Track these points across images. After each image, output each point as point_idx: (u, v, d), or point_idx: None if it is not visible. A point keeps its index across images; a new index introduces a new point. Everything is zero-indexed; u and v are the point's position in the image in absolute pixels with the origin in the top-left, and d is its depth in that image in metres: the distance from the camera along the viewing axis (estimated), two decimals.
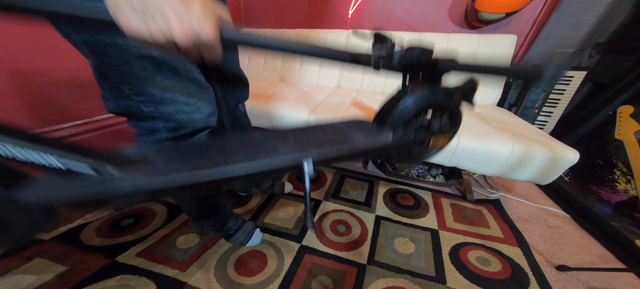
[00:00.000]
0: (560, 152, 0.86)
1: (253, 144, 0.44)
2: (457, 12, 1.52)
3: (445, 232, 0.99)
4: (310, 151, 0.42)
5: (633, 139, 1.00)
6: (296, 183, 1.24)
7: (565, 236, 1.02)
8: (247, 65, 1.88)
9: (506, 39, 1.32)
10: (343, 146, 0.45)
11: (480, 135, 0.95)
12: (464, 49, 1.40)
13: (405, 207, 1.12)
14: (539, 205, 1.21)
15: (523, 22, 1.44)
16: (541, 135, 0.97)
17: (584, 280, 0.83)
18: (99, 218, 0.94)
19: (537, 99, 1.44)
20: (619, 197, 1.03)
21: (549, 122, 1.45)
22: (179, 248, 0.85)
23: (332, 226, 0.98)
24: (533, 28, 1.43)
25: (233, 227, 0.86)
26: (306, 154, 0.41)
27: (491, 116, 1.17)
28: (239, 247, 0.86)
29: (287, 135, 0.47)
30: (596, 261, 0.92)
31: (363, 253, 0.87)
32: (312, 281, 0.76)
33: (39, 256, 0.78)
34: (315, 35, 1.64)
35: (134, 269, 0.76)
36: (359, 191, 1.21)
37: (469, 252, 0.90)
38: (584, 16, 1.30)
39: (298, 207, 1.07)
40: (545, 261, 0.89)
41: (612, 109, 1.13)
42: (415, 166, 0.77)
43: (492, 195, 1.27)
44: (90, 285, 0.71)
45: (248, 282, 0.75)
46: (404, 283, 0.77)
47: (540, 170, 0.90)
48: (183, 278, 0.75)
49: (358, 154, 0.48)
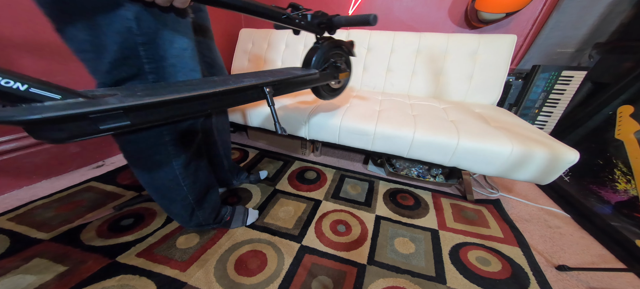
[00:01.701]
0: (560, 152, 0.86)
1: (224, 79, 0.58)
2: (457, 12, 1.52)
3: (445, 232, 0.99)
4: (267, 79, 0.60)
5: (633, 139, 1.00)
6: (296, 183, 1.24)
7: (565, 236, 1.02)
8: (247, 66, 1.88)
9: (506, 39, 1.32)
10: (288, 76, 0.66)
11: (480, 135, 0.95)
12: (464, 49, 1.40)
13: (405, 207, 1.12)
14: (539, 205, 1.21)
15: (523, 22, 1.44)
16: (541, 135, 0.97)
17: (584, 280, 0.83)
18: (99, 218, 0.94)
19: (537, 99, 1.44)
20: (619, 197, 1.03)
21: (549, 122, 1.45)
22: (179, 248, 0.85)
23: (332, 226, 0.98)
24: (533, 28, 1.43)
25: (227, 213, 0.93)
26: (264, 81, 0.59)
27: (491, 116, 1.17)
28: (240, 246, 0.86)
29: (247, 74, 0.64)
30: (596, 261, 0.92)
31: (363, 253, 0.87)
32: (312, 281, 0.76)
33: (39, 256, 0.78)
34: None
35: (134, 269, 0.76)
36: (359, 191, 1.21)
37: (469, 252, 0.90)
38: (584, 16, 1.30)
39: (298, 207, 1.07)
40: (545, 261, 0.89)
41: (612, 109, 1.13)
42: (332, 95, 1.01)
43: (492, 195, 1.27)
44: (90, 285, 0.71)
45: (248, 282, 0.75)
46: (404, 283, 0.77)
47: (540, 170, 0.90)
48: (183, 278, 0.75)
49: (299, 82, 0.71)
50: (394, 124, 1.04)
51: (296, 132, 1.21)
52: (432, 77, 1.48)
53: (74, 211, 0.96)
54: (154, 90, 0.46)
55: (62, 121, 0.35)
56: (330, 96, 0.98)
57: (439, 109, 1.25)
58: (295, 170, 1.36)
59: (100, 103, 0.37)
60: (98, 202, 1.02)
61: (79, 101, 0.37)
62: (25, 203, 0.98)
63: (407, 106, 1.27)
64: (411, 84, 1.54)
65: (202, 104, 0.49)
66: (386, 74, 1.58)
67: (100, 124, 0.39)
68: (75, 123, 0.37)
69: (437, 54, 1.45)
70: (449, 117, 1.13)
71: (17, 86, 0.32)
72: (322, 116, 1.13)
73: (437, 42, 1.44)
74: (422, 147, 1.00)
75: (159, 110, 0.44)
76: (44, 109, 0.34)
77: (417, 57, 1.50)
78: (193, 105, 0.48)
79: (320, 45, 0.81)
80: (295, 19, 0.71)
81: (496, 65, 1.34)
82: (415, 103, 1.33)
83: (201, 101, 0.49)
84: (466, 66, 1.40)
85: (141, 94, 0.43)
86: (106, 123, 0.39)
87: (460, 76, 1.42)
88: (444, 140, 0.96)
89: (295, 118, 1.17)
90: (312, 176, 1.31)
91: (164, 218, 0.96)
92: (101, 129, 0.39)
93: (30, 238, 0.84)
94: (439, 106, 1.31)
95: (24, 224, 0.89)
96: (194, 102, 0.48)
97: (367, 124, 1.06)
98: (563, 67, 1.34)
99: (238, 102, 0.56)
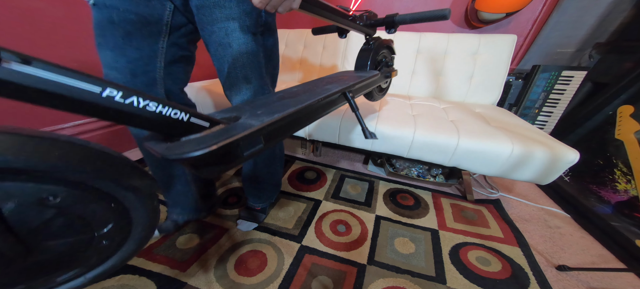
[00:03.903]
0: (560, 152, 0.86)
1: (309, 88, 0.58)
2: (457, 12, 1.52)
3: (445, 232, 0.99)
4: (346, 85, 0.59)
5: (633, 139, 1.00)
6: (296, 183, 1.24)
7: (565, 236, 1.02)
8: None
9: (506, 39, 1.32)
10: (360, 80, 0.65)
11: (480, 135, 0.95)
12: (464, 49, 1.40)
13: (405, 207, 1.12)
14: (539, 205, 1.21)
15: (523, 22, 1.44)
16: (541, 135, 0.97)
17: (584, 280, 0.83)
18: None
19: (537, 99, 1.44)
20: (619, 197, 1.03)
21: (549, 122, 1.45)
22: (179, 248, 0.85)
23: (332, 226, 0.98)
24: (533, 28, 1.43)
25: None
26: (344, 87, 0.57)
27: (491, 116, 1.17)
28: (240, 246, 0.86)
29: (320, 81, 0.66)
30: (596, 261, 0.92)
31: (363, 253, 0.87)
32: (312, 281, 0.76)
33: None
34: (314, 37, 1.64)
35: (133, 269, 0.76)
36: (359, 191, 1.21)
37: (469, 252, 0.90)
38: (584, 16, 1.30)
39: (298, 207, 1.07)
40: (545, 261, 0.89)
41: (612, 109, 1.13)
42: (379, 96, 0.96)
43: (492, 195, 1.27)
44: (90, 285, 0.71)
45: (248, 282, 0.75)
46: (404, 283, 0.77)
47: (540, 170, 0.90)
48: (183, 278, 0.75)
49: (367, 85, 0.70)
50: (394, 124, 1.04)
51: (296, 133, 1.21)
52: (432, 77, 1.48)
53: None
54: (268, 106, 0.44)
55: (224, 150, 0.33)
56: (379, 96, 0.96)
57: (439, 109, 1.25)
58: (295, 170, 1.36)
59: (244, 127, 0.35)
60: None
61: (228, 128, 0.35)
62: None
63: (407, 106, 1.27)
64: (411, 84, 1.54)
65: (308, 116, 0.49)
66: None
67: (244, 150, 0.36)
68: (232, 153, 0.35)
69: (437, 54, 1.45)
70: (449, 117, 1.13)
71: (182, 116, 0.32)
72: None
73: (437, 42, 1.44)
74: (422, 147, 1.00)
75: (281, 127, 0.42)
76: (212, 138, 0.32)
77: (417, 57, 1.50)
78: (302, 118, 0.47)
79: (372, 47, 0.80)
80: (358, 20, 0.73)
81: (496, 65, 1.34)
82: (415, 103, 1.33)
83: (307, 111, 0.47)
84: (466, 66, 1.40)
85: (261, 112, 0.41)
86: (247, 149, 0.37)
87: (460, 76, 1.42)
88: (444, 140, 0.96)
89: None
90: (312, 176, 1.31)
91: (163, 217, 0.96)
92: (245, 155, 0.36)
93: None
94: (439, 105, 1.31)
95: None
96: (303, 114, 0.46)
97: (367, 124, 1.06)
98: (563, 67, 1.34)
99: (326, 109, 0.55)
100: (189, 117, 0.32)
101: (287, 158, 1.48)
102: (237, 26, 0.56)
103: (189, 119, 0.32)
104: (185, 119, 0.32)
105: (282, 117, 0.40)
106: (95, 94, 0.24)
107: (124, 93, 0.26)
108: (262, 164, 0.85)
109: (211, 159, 0.32)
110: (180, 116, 0.31)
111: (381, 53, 0.84)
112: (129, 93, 0.27)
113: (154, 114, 0.29)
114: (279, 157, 0.88)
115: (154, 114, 0.29)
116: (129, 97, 0.27)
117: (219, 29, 0.56)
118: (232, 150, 0.34)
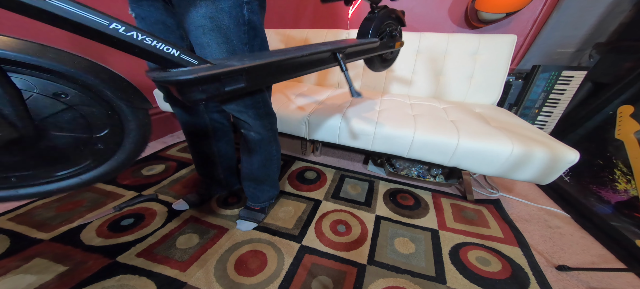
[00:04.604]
0: (560, 152, 0.86)
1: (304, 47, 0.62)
2: (457, 12, 1.52)
3: (445, 232, 0.99)
4: (337, 46, 0.63)
5: (633, 139, 1.00)
6: (296, 183, 1.24)
7: (565, 236, 1.02)
8: None
9: (506, 39, 1.32)
10: (356, 44, 0.69)
11: (480, 135, 0.95)
12: (464, 49, 1.40)
13: (405, 207, 1.12)
14: (539, 205, 1.21)
15: (523, 22, 1.44)
16: (541, 135, 0.97)
17: (584, 280, 0.83)
18: (99, 218, 0.94)
19: (537, 99, 1.44)
20: (619, 197, 1.03)
21: (549, 122, 1.45)
22: (179, 248, 0.85)
23: (332, 226, 0.98)
24: (533, 28, 1.43)
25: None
26: (335, 47, 0.61)
27: (491, 116, 1.17)
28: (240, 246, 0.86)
29: (318, 44, 0.68)
30: (596, 261, 0.92)
31: (363, 253, 0.87)
32: (312, 281, 0.76)
33: (39, 256, 0.78)
34: (315, 35, 1.64)
35: (134, 269, 0.76)
36: (359, 191, 1.21)
37: (469, 252, 0.90)
38: (584, 16, 1.30)
39: (298, 207, 1.07)
40: (545, 261, 0.89)
41: (612, 109, 1.13)
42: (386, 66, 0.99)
43: (492, 195, 1.27)
44: (90, 285, 0.71)
45: (248, 282, 0.75)
46: (404, 283, 0.77)
47: (540, 170, 0.90)
48: (183, 278, 0.75)
49: (363, 50, 0.74)
50: (394, 124, 1.04)
51: (296, 132, 1.21)
52: (432, 77, 1.48)
53: (74, 211, 0.96)
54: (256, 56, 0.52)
55: (204, 82, 0.41)
56: (383, 67, 0.96)
57: (439, 109, 1.25)
58: (295, 170, 1.36)
59: (226, 66, 0.43)
60: (98, 202, 1.03)
61: (212, 65, 0.42)
62: (25, 203, 0.98)
63: (407, 106, 1.27)
64: (411, 84, 1.54)
65: (293, 67, 0.55)
66: (386, 74, 1.58)
67: (226, 85, 0.44)
68: (212, 84, 0.42)
69: (437, 54, 1.45)
70: (449, 117, 1.13)
71: (173, 52, 0.39)
72: (322, 116, 1.13)
73: (437, 42, 1.44)
74: (422, 147, 1.00)
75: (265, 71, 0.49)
76: (197, 70, 0.40)
77: (417, 57, 1.50)
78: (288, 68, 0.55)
79: (376, 15, 0.80)
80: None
81: (496, 65, 1.34)
82: (415, 103, 1.33)
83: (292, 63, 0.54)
84: (466, 66, 1.40)
85: (248, 59, 0.48)
86: (229, 85, 0.45)
87: (460, 76, 1.42)
88: (444, 140, 0.96)
89: (295, 118, 1.17)
90: (312, 176, 1.31)
91: (164, 217, 0.96)
92: (226, 91, 0.44)
93: (30, 238, 0.84)
94: (439, 105, 1.31)
95: (24, 224, 0.89)
96: (288, 65, 0.54)
97: (367, 124, 1.06)
98: (563, 67, 1.34)
99: (315, 66, 0.61)
100: (179, 53, 0.39)
101: (287, 158, 1.48)
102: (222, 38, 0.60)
103: (180, 55, 0.39)
104: (176, 54, 0.39)
105: (265, 64, 0.47)
106: (104, 25, 0.33)
107: (126, 28, 0.34)
108: (259, 164, 0.86)
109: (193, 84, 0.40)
110: (172, 51, 0.38)
111: (386, 23, 0.83)
112: (130, 28, 0.35)
113: (149, 46, 0.36)
114: (276, 158, 0.88)
115: (149, 46, 0.36)
116: (130, 31, 0.35)
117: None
118: (214, 81, 0.42)
